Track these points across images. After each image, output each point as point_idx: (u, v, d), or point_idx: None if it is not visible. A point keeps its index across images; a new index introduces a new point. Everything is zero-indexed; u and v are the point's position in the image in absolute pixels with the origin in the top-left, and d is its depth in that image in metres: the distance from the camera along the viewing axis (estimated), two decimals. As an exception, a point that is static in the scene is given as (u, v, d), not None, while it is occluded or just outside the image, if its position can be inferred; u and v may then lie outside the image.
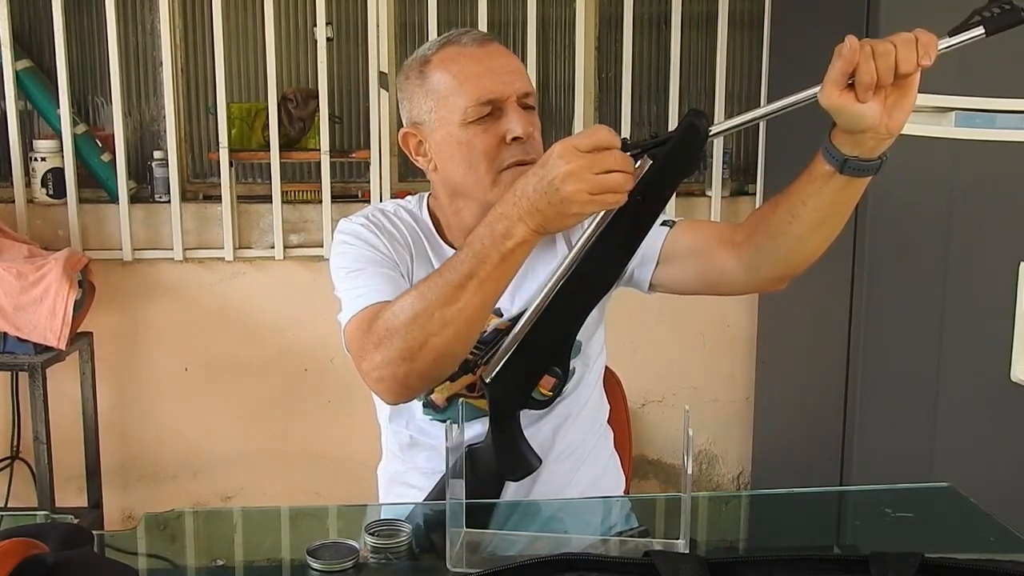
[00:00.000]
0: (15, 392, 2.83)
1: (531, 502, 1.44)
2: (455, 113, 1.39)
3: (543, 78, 3.02)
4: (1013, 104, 2.20)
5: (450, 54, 1.41)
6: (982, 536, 1.27)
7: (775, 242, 1.33)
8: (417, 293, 1.26)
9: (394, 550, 1.15)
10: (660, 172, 1.20)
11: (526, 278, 1.47)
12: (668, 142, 1.20)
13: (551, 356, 1.34)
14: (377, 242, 1.45)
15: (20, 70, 2.76)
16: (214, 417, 2.92)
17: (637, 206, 1.20)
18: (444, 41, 1.44)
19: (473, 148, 1.39)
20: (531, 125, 1.41)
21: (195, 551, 1.29)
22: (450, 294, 1.23)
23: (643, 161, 1.20)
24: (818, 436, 2.55)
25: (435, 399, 1.50)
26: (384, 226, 1.48)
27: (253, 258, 2.88)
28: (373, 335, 1.28)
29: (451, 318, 1.24)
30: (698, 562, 0.96)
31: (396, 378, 1.27)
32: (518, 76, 1.42)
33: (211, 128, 2.89)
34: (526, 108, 1.41)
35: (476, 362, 1.47)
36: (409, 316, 1.25)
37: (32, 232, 2.79)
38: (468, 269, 1.23)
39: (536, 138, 1.42)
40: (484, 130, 1.39)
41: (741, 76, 3.04)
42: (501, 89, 1.39)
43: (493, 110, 1.39)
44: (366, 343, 1.29)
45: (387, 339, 1.26)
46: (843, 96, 1.12)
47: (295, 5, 2.95)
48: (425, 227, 1.51)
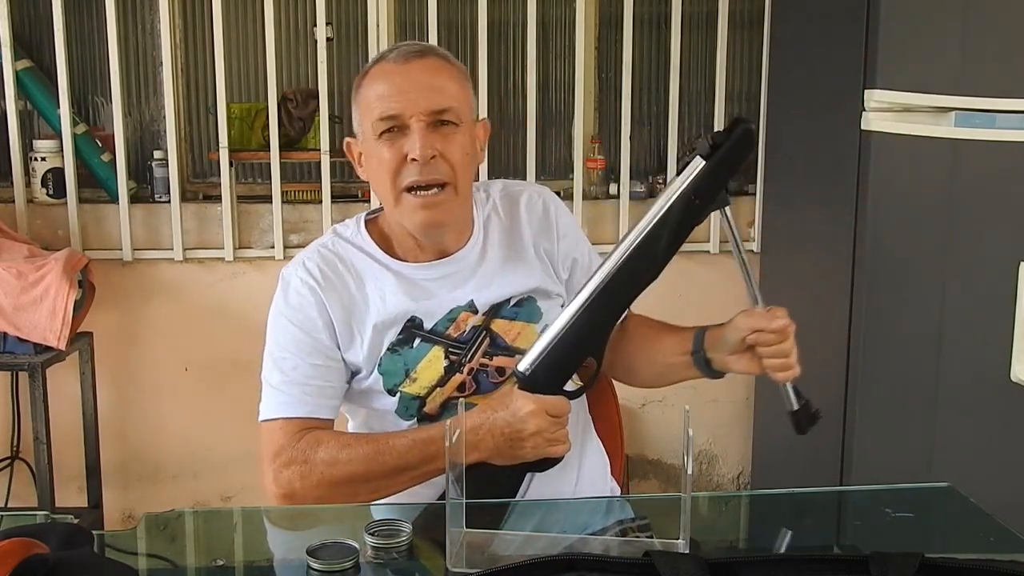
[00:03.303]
0: (15, 392, 2.83)
1: (531, 502, 1.44)
2: (368, 128, 1.45)
3: (543, 78, 3.01)
4: (1013, 104, 2.20)
5: (375, 70, 1.46)
6: (982, 536, 1.26)
7: (630, 373, 1.64)
8: (360, 456, 1.38)
9: (394, 550, 1.15)
10: (712, 173, 1.28)
11: (496, 276, 1.52)
12: (722, 145, 1.28)
13: (589, 347, 1.38)
14: (311, 313, 1.47)
15: (20, 70, 2.76)
16: (214, 417, 2.92)
17: (689, 204, 1.28)
18: (378, 56, 1.49)
19: (382, 163, 1.44)
20: (434, 146, 1.41)
21: (195, 551, 1.29)
22: (388, 473, 1.38)
23: (695, 162, 1.25)
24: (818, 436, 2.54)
25: (428, 411, 1.50)
26: (324, 274, 1.49)
27: (253, 258, 2.88)
28: (298, 457, 1.39)
29: (383, 488, 1.40)
30: (698, 562, 0.96)
31: (297, 499, 1.40)
32: (429, 93, 1.42)
33: (211, 128, 2.89)
34: (438, 125, 1.42)
35: (461, 361, 1.49)
36: (345, 474, 1.38)
37: (32, 232, 2.80)
38: (414, 461, 1.38)
39: (451, 158, 1.42)
40: (390, 146, 1.43)
41: (741, 76, 3.04)
42: (401, 107, 1.41)
43: (397, 127, 1.42)
44: (290, 456, 1.40)
45: (312, 474, 1.38)
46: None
47: (295, 5, 2.95)
48: (368, 251, 1.53)
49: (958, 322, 2.29)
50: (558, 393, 1.38)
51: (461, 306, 1.50)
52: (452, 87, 1.45)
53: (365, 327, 1.47)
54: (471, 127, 1.48)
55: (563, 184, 2.99)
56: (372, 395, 1.50)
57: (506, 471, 1.39)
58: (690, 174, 1.29)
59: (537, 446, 1.36)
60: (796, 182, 2.73)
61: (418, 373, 1.48)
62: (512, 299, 1.52)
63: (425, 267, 1.51)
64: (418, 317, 1.48)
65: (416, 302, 1.49)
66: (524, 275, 1.54)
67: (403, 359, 1.48)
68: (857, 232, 2.32)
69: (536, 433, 1.34)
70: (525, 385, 1.37)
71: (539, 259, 1.57)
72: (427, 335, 1.48)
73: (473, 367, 1.49)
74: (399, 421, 1.49)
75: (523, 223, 1.58)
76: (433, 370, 1.48)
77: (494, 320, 1.50)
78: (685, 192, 1.28)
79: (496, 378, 1.50)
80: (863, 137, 2.27)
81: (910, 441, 2.34)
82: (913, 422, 2.33)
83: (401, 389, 1.48)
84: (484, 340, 1.50)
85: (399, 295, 1.48)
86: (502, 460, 1.37)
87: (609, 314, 1.37)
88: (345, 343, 1.48)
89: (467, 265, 1.53)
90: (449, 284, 1.51)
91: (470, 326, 1.50)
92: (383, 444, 1.39)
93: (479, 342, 1.49)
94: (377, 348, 1.48)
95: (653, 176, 3.03)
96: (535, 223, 1.58)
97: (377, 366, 1.48)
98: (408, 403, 1.48)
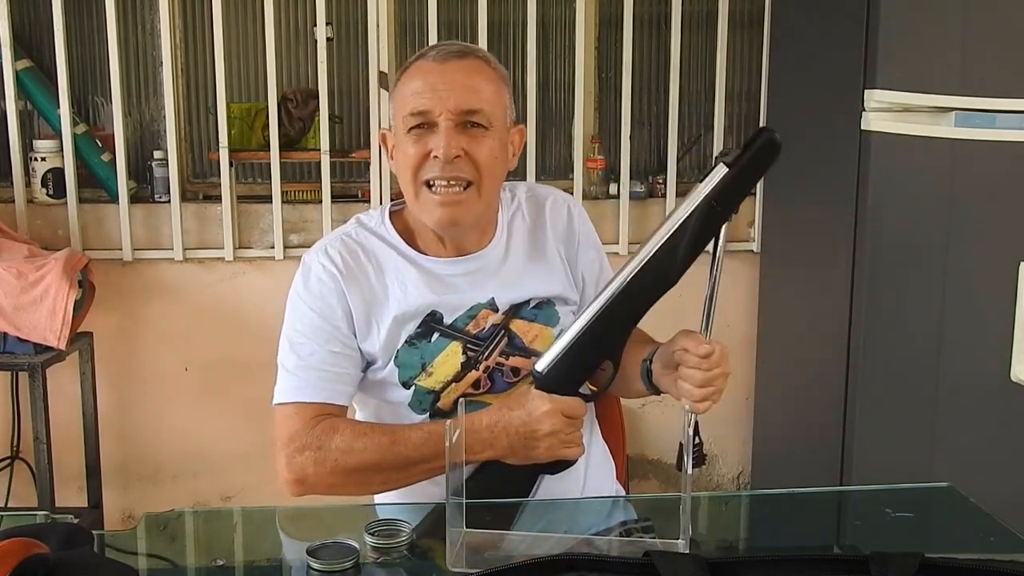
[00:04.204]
0: (15, 392, 2.83)
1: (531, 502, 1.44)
2: (399, 122, 1.46)
3: (543, 78, 3.01)
4: (1013, 104, 2.20)
5: (414, 67, 1.47)
6: (982, 536, 1.27)
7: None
8: (376, 445, 1.39)
9: (394, 550, 1.16)
10: (735, 179, 1.29)
11: (518, 277, 1.53)
12: (746, 152, 1.29)
13: (606, 350, 1.39)
14: (330, 300, 1.48)
15: (20, 70, 2.76)
16: (214, 417, 2.92)
17: (711, 209, 1.29)
18: (419, 54, 1.49)
19: (407, 157, 1.45)
20: (459, 145, 1.42)
21: (195, 551, 1.29)
22: (401, 465, 1.40)
23: (719, 168, 1.28)
24: (818, 436, 2.55)
25: (442, 406, 1.50)
26: (346, 263, 1.50)
27: (253, 258, 2.88)
28: (313, 443, 1.40)
29: (394, 480, 1.43)
30: (698, 562, 0.96)
31: (308, 485, 1.41)
32: (461, 93, 1.42)
33: (211, 128, 2.89)
34: (468, 126, 1.43)
35: (478, 358, 1.49)
36: (359, 462, 1.39)
37: (32, 232, 2.79)
38: (428, 454, 1.38)
39: (476, 159, 1.43)
40: (416, 142, 1.44)
41: (741, 76, 3.04)
42: (431, 104, 1.42)
43: (426, 124, 1.43)
44: (305, 442, 1.40)
45: (327, 461, 1.39)
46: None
47: (295, 5, 2.95)
48: (392, 242, 1.54)
49: (958, 322, 2.29)
50: (574, 395, 1.39)
51: (482, 303, 1.50)
52: (487, 90, 1.45)
53: (384, 318, 1.48)
54: (503, 132, 1.48)
55: (563, 184, 2.99)
56: (386, 387, 1.50)
57: (518, 472, 1.39)
58: (713, 181, 1.29)
59: (551, 447, 1.37)
60: (796, 182, 2.73)
61: (434, 367, 1.48)
62: (532, 301, 1.53)
63: (448, 262, 1.52)
64: (438, 312, 1.49)
65: (438, 296, 1.49)
66: (546, 278, 1.55)
67: (420, 352, 1.48)
68: (857, 232, 2.32)
69: (551, 434, 1.36)
70: (542, 385, 1.38)
71: (561, 264, 1.58)
72: (446, 330, 1.49)
73: (489, 365, 1.49)
74: (412, 414, 1.49)
75: (547, 227, 1.58)
76: (450, 365, 1.48)
77: (513, 320, 1.51)
78: (707, 199, 1.29)
79: (511, 378, 1.51)
80: (863, 137, 2.27)
81: (910, 441, 2.34)
82: (913, 422, 2.33)
83: (416, 382, 1.48)
84: (502, 339, 1.50)
85: (421, 288, 1.49)
86: (516, 459, 1.38)
87: (627, 318, 1.37)
88: (363, 333, 1.48)
89: (490, 263, 1.53)
90: (471, 281, 1.51)
91: (489, 324, 1.50)
92: (399, 435, 1.40)
93: (497, 340, 1.50)
94: (395, 340, 1.48)
95: (653, 176, 3.03)
96: (559, 229, 1.59)
97: (394, 358, 1.48)
98: (422, 397, 1.49)
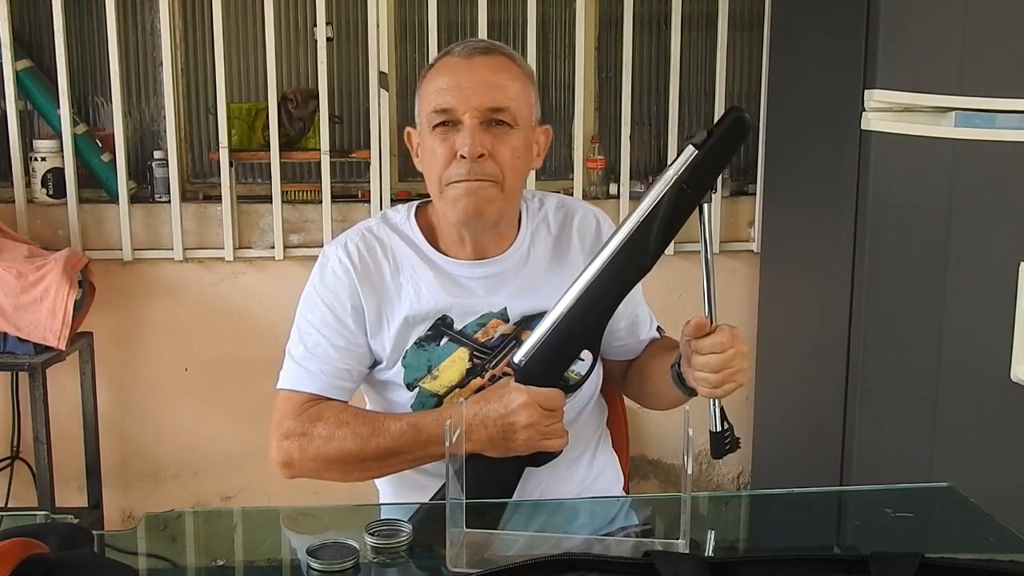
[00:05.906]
0: (15, 392, 2.83)
1: (531, 502, 1.44)
2: (424, 120, 1.45)
3: (543, 78, 3.02)
4: (1013, 104, 2.20)
5: (440, 64, 1.47)
6: (982, 536, 1.26)
7: (640, 393, 1.64)
8: (355, 435, 1.41)
9: (394, 550, 1.15)
10: (704, 160, 1.27)
11: (534, 287, 1.51)
12: (714, 133, 1.26)
13: (585, 338, 1.38)
14: (342, 296, 1.49)
15: (20, 70, 2.76)
16: (214, 417, 2.92)
17: (681, 192, 1.27)
18: (445, 50, 1.48)
19: (433, 156, 1.44)
20: (484, 144, 1.40)
21: (195, 551, 1.29)
22: (380, 455, 1.41)
23: (688, 150, 1.25)
24: (818, 436, 2.55)
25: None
26: (362, 258, 1.50)
27: (253, 258, 2.88)
28: (298, 430, 1.43)
29: (376, 469, 1.45)
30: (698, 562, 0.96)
31: (294, 469, 1.43)
32: (486, 91, 1.41)
33: (211, 128, 2.89)
34: (492, 124, 1.42)
35: (484, 366, 1.48)
36: (338, 450, 1.41)
37: (32, 232, 2.79)
38: (407, 445, 1.40)
39: (500, 158, 1.42)
40: (442, 140, 1.43)
41: (741, 76, 3.04)
42: (456, 102, 1.41)
43: (451, 121, 1.42)
44: (291, 428, 1.43)
45: (310, 447, 1.41)
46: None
47: (295, 5, 2.95)
48: (414, 240, 1.53)
49: (958, 322, 2.29)
50: (555, 386, 1.38)
51: (493, 312, 1.49)
52: (513, 87, 1.44)
53: (394, 317, 1.48)
54: (529, 130, 1.47)
55: (563, 184, 2.99)
56: (390, 387, 1.51)
57: (502, 465, 1.38)
58: (683, 163, 1.27)
59: (530, 439, 1.36)
60: (796, 182, 2.73)
61: (440, 371, 1.48)
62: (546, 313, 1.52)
63: (466, 264, 1.51)
64: (449, 316, 1.48)
65: (452, 298, 1.48)
66: (564, 289, 1.51)
67: (428, 355, 1.48)
68: (857, 232, 2.32)
69: (529, 426, 1.35)
70: (521, 376, 1.37)
71: None
72: (455, 335, 1.49)
73: (495, 374, 1.49)
74: None
75: (573, 240, 1.56)
76: (455, 370, 1.48)
77: (524, 331, 1.49)
78: (677, 181, 1.27)
79: None
80: (863, 137, 2.27)
81: (910, 441, 2.34)
82: (913, 422, 2.33)
83: (421, 384, 1.49)
84: (511, 350, 1.48)
85: (435, 290, 1.48)
86: (496, 452, 1.37)
87: (604, 304, 1.36)
88: (373, 330, 1.48)
89: (507, 269, 1.52)
90: (487, 286, 1.50)
91: (499, 333, 1.49)
92: (378, 425, 1.41)
93: (505, 351, 1.49)
94: (404, 341, 1.48)
95: (653, 176, 3.03)
96: (587, 239, 1.57)
97: (401, 358, 1.48)
98: (426, 399, 1.49)
